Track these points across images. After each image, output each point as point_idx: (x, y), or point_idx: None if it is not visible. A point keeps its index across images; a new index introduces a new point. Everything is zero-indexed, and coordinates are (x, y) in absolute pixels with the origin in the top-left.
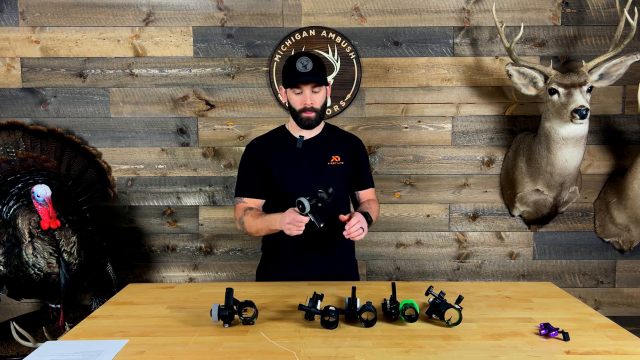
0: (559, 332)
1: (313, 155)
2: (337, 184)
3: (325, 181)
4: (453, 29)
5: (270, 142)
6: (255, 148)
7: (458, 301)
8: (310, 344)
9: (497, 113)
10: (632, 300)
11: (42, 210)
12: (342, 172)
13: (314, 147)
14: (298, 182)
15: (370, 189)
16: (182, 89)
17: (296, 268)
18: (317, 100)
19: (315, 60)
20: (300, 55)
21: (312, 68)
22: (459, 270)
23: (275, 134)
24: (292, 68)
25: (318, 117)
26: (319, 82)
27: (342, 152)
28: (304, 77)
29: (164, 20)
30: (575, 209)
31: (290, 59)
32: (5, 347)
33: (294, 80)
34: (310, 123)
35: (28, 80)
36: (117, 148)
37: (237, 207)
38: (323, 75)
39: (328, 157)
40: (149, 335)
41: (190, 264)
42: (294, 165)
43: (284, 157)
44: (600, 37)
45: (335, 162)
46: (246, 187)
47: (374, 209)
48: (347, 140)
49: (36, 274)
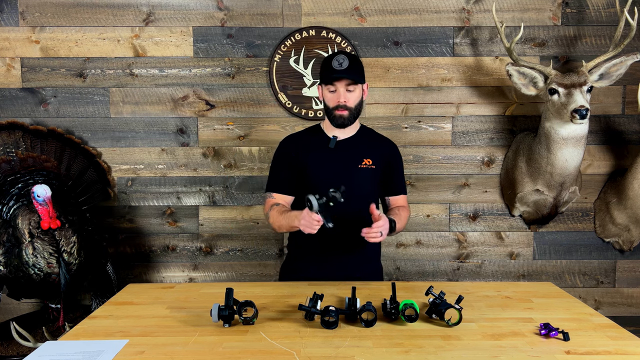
0: (559, 332)
1: (345, 156)
2: (367, 187)
3: (355, 183)
4: (453, 29)
5: (304, 140)
6: (288, 145)
7: (458, 301)
8: (310, 344)
9: (497, 113)
10: (632, 300)
11: (42, 210)
12: (373, 175)
13: (347, 148)
14: (328, 182)
15: (402, 195)
16: (182, 89)
17: (320, 269)
18: (351, 98)
19: (352, 58)
20: (337, 53)
21: (348, 66)
22: (459, 270)
23: (310, 132)
24: (329, 65)
25: (351, 116)
26: (354, 80)
27: (374, 155)
28: (339, 74)
29: (164, 20)
30: (575, 209)
31: (328, 56)
32: (5, 347)
33: (329, 77)
34: (343, 122)
35: (28, 80)
36: (117, 148)
37: (267, 202)
38: (359, 73)
39: (360, 159)
40: (149, 335)
41: (190, 264)
42: (325, 165)
43: (316, 156)
44: (600, 37)
45: (367, 165)
46: (276, 183)
47: (402, 217)
48: (382, 143)
49: (36, 274)
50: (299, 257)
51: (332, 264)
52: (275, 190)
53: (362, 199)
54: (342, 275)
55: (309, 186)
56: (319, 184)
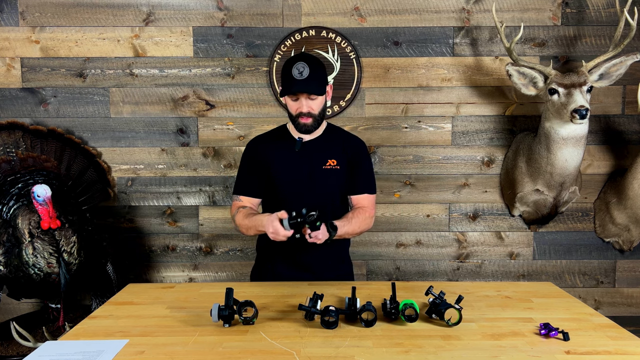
0: (559, 332)
1: (309, 159)
2: (330, 188)
3: (318, 185)
4: (453, 29)
5: (270, 142)
6: (254, 147)
7: (458, 301)
8: (310, 344)
9: (497, 113)
10: (632, 300)
11: (42, 210)
12: (337, 176)
13: (312, 150)
14: (294, 185)
15: (365, 194)
16: (182, 89)
17: (289, 270)
18: (314, 106)
19: (313, 65)
20: (297, 59)
21: (309, 75)
22: (459, 270)
23: (276, 134)
24: (289, 74)
25: (316, 122)
26: (315, 92)
27: (339, 155)
28: (299, 86)
29: (164, 20)
30: (575, 209)
31: (288, 62)
32: (5, 347)
33: (289, 87)
34: (307, 129)
35: (28, 80)
36: (117, 148)
37: (233, 204)
38: (321, 81)
39: (324, 160)
40: (149, 335)
41: (190, 264)
42: (291, 167)
43: (282, 158)
44: (600, 37)
45: (331, 166)
46: (243, 186)
47: (355, 221)
48: (347, 143)
49: (36, 274)
50: (267, 258)
51: (300, 265)
52: (242, 193)
53: (326, 200)
54: (311, 276)
55: (275, 188)
56: (283, 186)
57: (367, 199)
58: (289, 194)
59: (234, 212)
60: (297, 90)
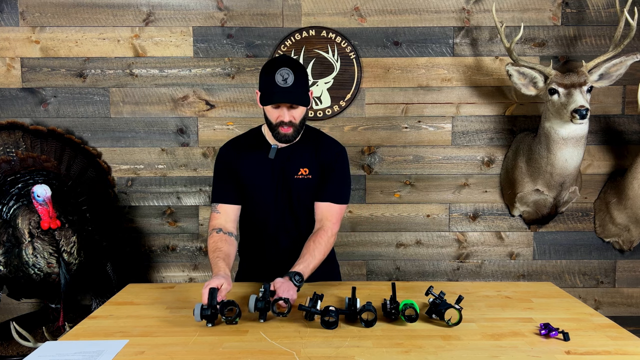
0: (559, 332)
1: (282, 167)
2: (302, 198)
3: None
4: (453, 29)
5: (243, 148)
6: (226, 153)
7: (458, 301)
8: (310, 344)
9: (497, 113)
10: (632, 300)
11: (42, 210)
12: (308, 185)
13: (285, 158)
14: (265, 194)
15: (328, 203)
16: (182, 89)
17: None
18: (296, 115)
19: (297, 72)
20: (280, 64)
21: (294, 82)
22: (459, 270)
23: (250, 138)
24: (271, 80)
25: (296, 132)
26: (301, 104)
27: (312, 164)
28: (284, 96)
29: (164, 20)
30: (575, 209)
31: (270, 67)
32: (5, 347)
33: (271, 96)
34: (287, 139)
35: (28, 80)
36: (117, 148)
37: (211, 217)
38: (306, 89)
39: (297, 169)
40: (149, 335)
41: (190, 264)
42: (263, 175)
43: (253, 165)
44: (600, 37)
45: (303, 176)
46: (219, 194)
47: (317, 252)
48: (322, 150)
49: (36, 274)
50: (250, 262)
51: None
52: (220, 201)
53: (300, 211)
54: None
55: (248, 200)
56: (255, 195)
57: (330, 210)
58: (262, 204)
59: (210, 230)
60: (282, 100)
